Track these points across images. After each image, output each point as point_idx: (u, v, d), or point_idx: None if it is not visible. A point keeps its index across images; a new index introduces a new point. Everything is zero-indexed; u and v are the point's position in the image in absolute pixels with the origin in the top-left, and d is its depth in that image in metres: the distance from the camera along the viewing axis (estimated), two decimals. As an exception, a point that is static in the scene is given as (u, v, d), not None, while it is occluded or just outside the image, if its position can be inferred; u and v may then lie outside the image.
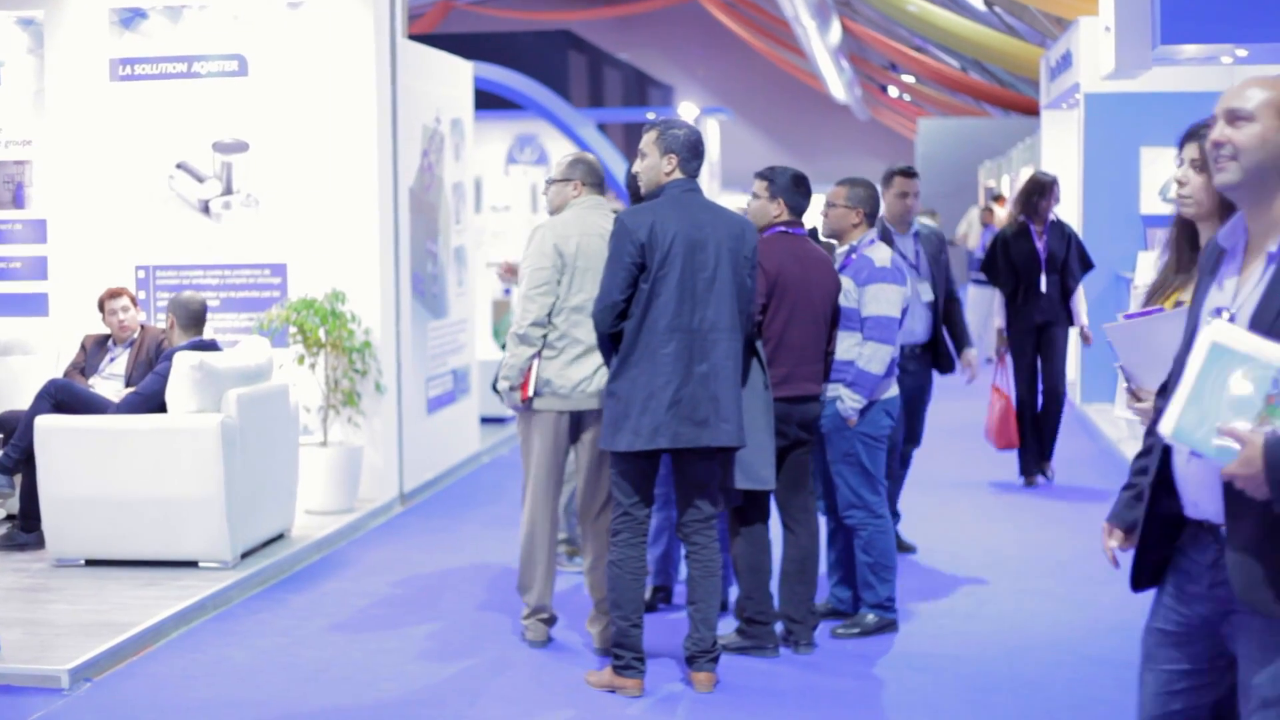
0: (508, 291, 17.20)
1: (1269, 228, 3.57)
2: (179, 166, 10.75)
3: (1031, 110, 24.16)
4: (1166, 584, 3.81)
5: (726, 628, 7.33)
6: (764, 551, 7.21)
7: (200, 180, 10.74)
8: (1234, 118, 3.56)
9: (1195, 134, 4.32)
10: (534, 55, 28.62)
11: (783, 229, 7.25)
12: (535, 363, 7.03)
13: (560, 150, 21.22)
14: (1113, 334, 4.40)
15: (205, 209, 10.71)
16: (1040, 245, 11.27)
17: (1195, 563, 3.69)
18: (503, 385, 7.10)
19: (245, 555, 8.78)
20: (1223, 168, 3.58)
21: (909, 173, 9.10)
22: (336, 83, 10.64)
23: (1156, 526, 3.74)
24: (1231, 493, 3.46)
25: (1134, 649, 7.16)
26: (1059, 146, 17.70)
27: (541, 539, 7.30)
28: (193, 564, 8.57)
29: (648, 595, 7.95)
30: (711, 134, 33.83)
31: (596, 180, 7.32)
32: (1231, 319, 3.52)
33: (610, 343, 6.61)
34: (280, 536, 9.33)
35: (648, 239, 6.44)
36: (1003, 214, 24.03)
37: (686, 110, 32.41)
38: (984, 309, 20.45)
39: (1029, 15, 23.70)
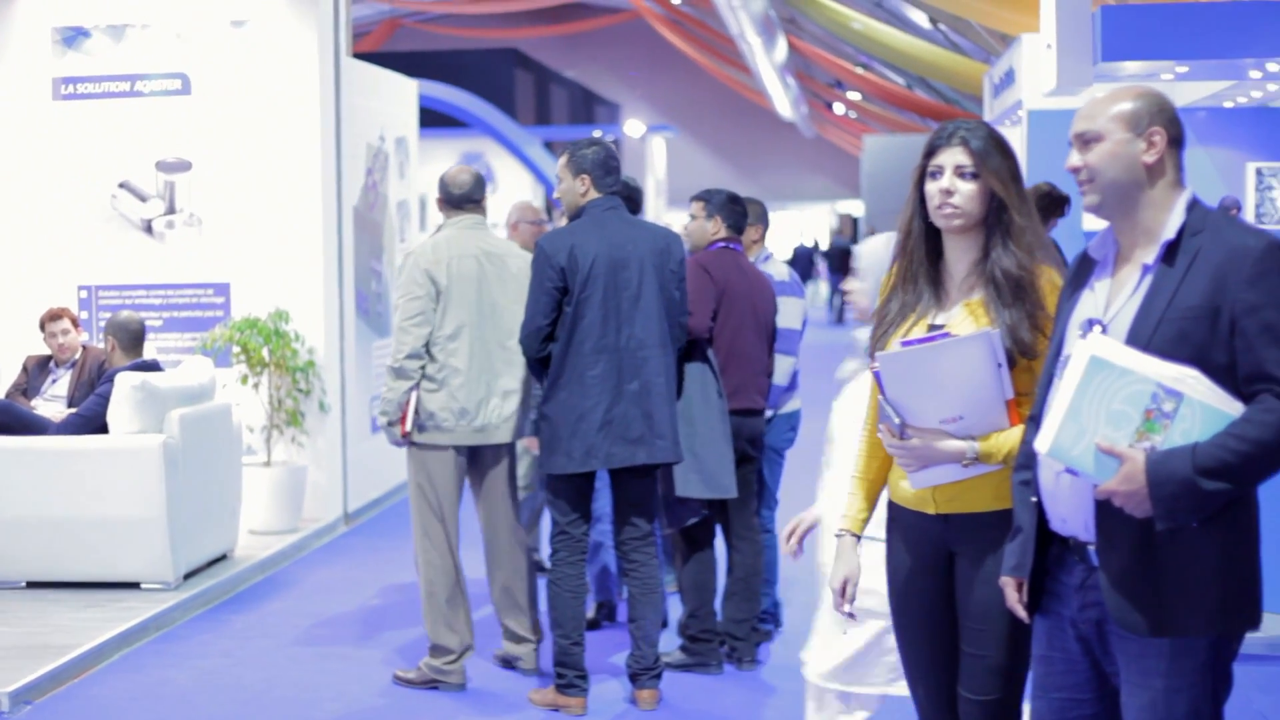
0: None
1: (1139, 238, 3.51)
2: (122, 186, 10.70)
3: (976, 127, 24.14)
4: (1042, 608, 3.67)
5: (671, 645, 7.33)
6: (709, 569, 7.22)
7: (143, 199, 10.68)
8: (1084, 141, 3.52)
9: (954, 136, 3.96)
10: (481, 73, 28.60)
11: (723, 244, 7.29)
12: (414, 395, 6.89)
13: (507, 168, 21.21)
14: (884, 364, 3.86)
15: (148, 228, 10.66)
16: None
17: (1064, 585, 3.59)
18: (381, 420, 6.94)
19: (188, 576, 8.74)
20: (1084, 193, 3.52)
21: None
22: (280, 101, 10.61)
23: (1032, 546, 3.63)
24: (1106, 511, 3.40)
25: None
26: (1003, 163, 17.74)
27: (444, 584, 7.05)
28: (135, 585, 8.51)
29: (591, 613, 7.95)
30: (658, 151, 33.89)
31: (446, 196, 7.17)
32: (1104, 330, 3.46)
33: (540, 367, 6.60)
34: (223, 557, 9.29)
35: (567, 262, 6.44)
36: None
37: (632, 128, 32.45)
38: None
39: (973, 32, 23.83)
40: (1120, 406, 3.29)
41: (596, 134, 24.81)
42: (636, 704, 6.73)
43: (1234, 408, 3.30)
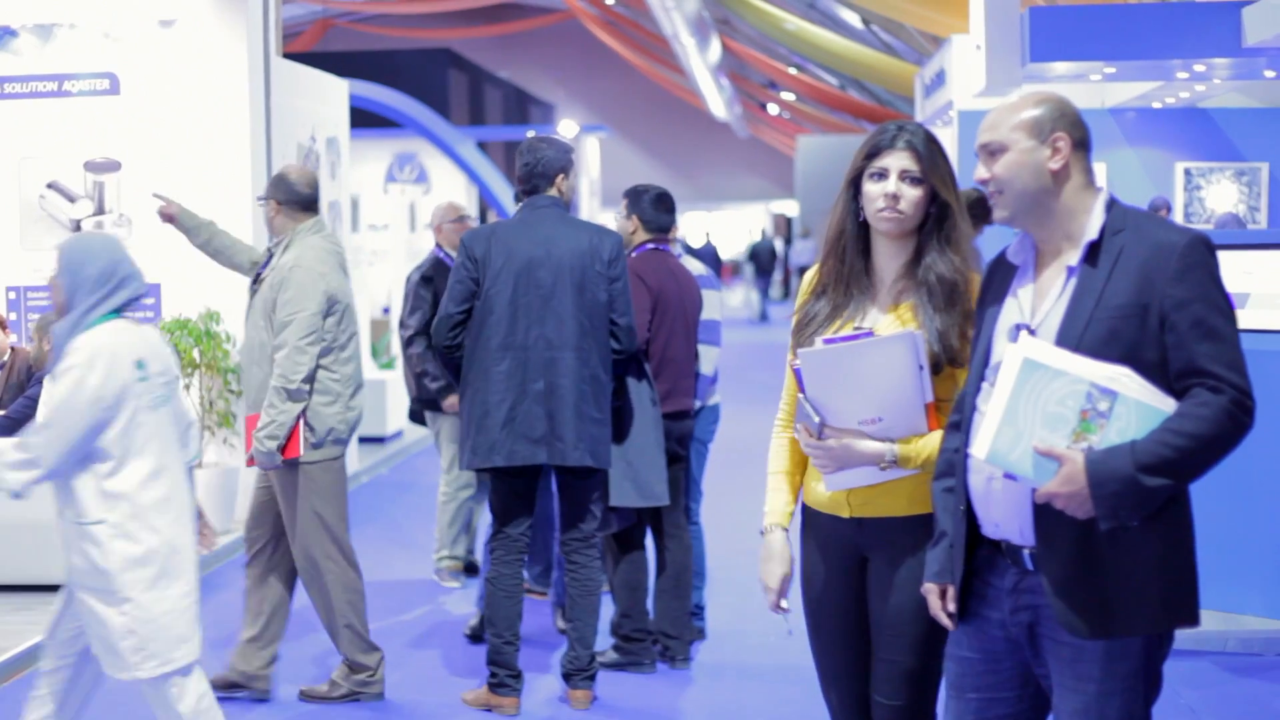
0: (386, 310, 17.14)
1: (1060, 243, 3.50)
2: (50, 186, 10.62)
3: (908, 127, 24.27)
4: (965, 611, 3.63)
5: (604, 644, 7.34)
6: (641, 569, 7.23)
7: (72, 200, 10.61)
8: (989, 152, 3.50)
9: (898, 139, 3.90)
10: (414, 73, 28.47)
11: (653, 245, 7.29)
12: (303, 415, 6.65)
13: (440, 168, 21.16)
14: (806, 361, 3.84)
15: (77, 229, 10.57)
16: None
17: (994, 588, 3.57)
18: (269, 445, 6.55)
19: (119, 579, 8.67)
20: (995, 204, 3.51)
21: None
22: (209, 101, 10.56)
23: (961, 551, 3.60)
24: (1045, 515, 3.37)
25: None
26: (934, 163, 17.83)
27: (359, 606, 6.87)
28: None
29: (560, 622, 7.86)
30: (592, 152, 33.88)
31: (297, 199, 6.86)
32: (1032, 334, 3.44)
33: (449, 356, 6.60)
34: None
35: (481, 256, 6.45)
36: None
37: (567, 128, 32.42)
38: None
39: (905, 34, 23.93)
40: (1056, 408, 3.28)
41: (530, 134, 24.91)
42: (570, 703, 6.74)
43: (1167, 404, 3.31)
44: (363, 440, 13.55)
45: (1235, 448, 3.38)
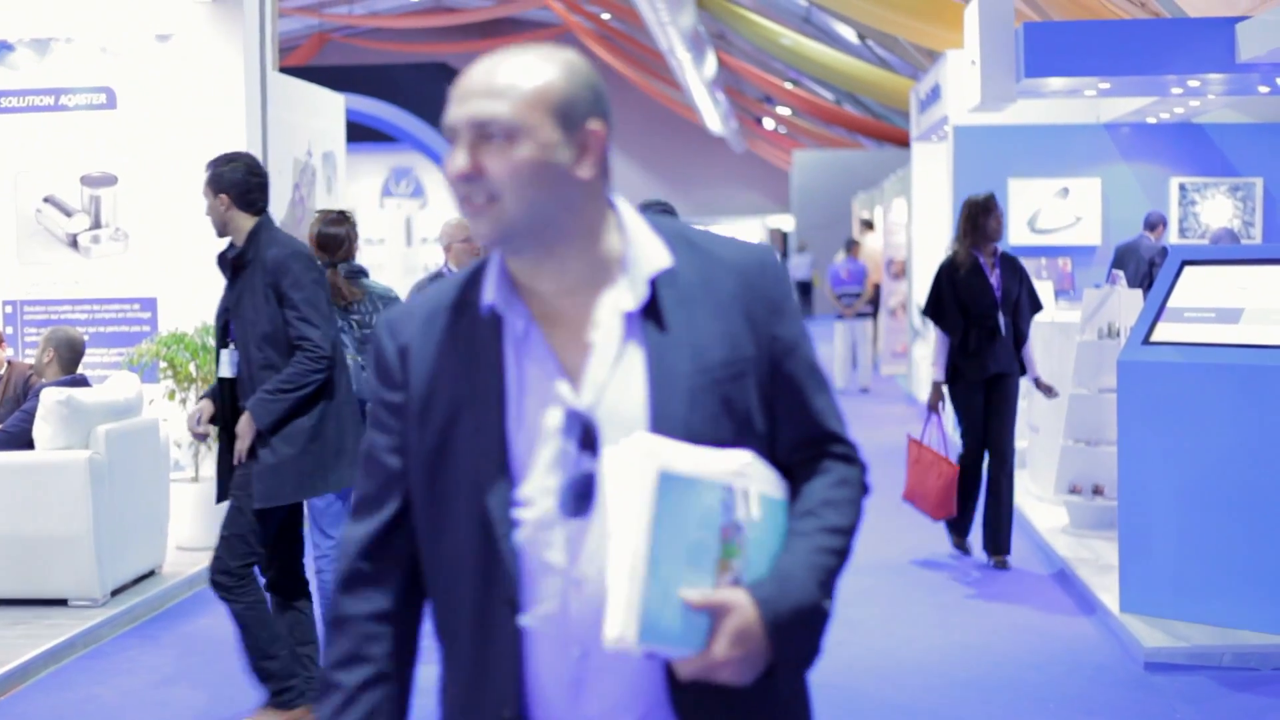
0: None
1: (584, 280, 2.30)
2: (46, 200, 10.64)
3: (904, 142, 24.49)
4: None
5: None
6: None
7: (68, 214, 10.62)
8: (483, 134, 2.23)
9: None
10: (410, 88, 28.50)
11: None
12: None
13: (436, 183, 21.19)
14: None
15: (73, 243, 10.60)
16: (994, 280, 9.36)
17: None
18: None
19: (115, 592, 8.68)
20: (473, 213, 2.26)
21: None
22: (205, 115, 10.58)
23: None
24: (687, 695, 2.25)
25: (1003, 673, 7.31)
26: (929, 178, 17.93)
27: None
28: (62, 602, 8.45)
29: None
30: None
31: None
32: (588, 423, 2.26)
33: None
34: (151, 573, 9.23)
35: None
36: (871, 244, 24.22)
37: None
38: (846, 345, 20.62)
39: (900, 48, 23.99)
40: (698, 534, 2.18)
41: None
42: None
43: (781, 489, 2.36)
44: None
45: None
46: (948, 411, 9.69)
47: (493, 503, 2.27)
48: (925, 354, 16.54)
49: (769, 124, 45.35)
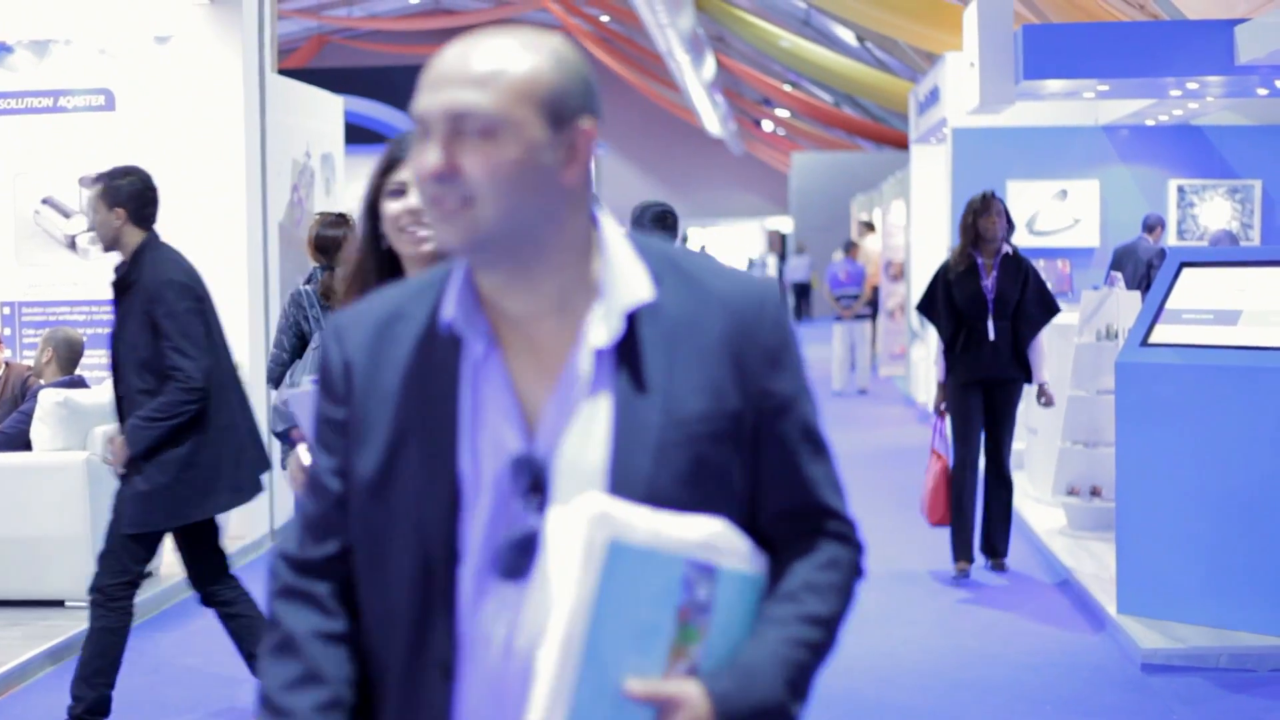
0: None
1: (554, 302, 2.02)
2: (45, 201, 10.63)
3: (903, 144, 24.49)
4: None
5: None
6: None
7: (67, 215, 10.62)
8: (456, 127, 1.96)
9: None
10: (409, 90, 28.33)
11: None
12: None
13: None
14: (295, 402, 3.43)
15: (72, 244, 10.60)
16: (988, 283, 9.14)
17: None
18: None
19: (113, 594, 8.67)
20: (442, 219, 1.97)
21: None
22: (204, 117, 10.58)
23: None
24: None
25: (1001, 674, 7.31)
26: (928, 180, 17.92)
27: None
28: (59, 603, 8.45)
29: None
30: (587, 168, 33.91)
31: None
32: (544, 479, 1.98)
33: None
34: (149, 574, 9.22)
35: None
36: (870, 245, 24.24)
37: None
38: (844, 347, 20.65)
39: (899, 50, 24.00)
40: (648, 614, 1.90)
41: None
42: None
43: (757, 565, 2.05)
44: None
45: None
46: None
47: (434, 549, 1.99)
48: (923, 355, 16.54)
49: (768, 126, 45.34)
